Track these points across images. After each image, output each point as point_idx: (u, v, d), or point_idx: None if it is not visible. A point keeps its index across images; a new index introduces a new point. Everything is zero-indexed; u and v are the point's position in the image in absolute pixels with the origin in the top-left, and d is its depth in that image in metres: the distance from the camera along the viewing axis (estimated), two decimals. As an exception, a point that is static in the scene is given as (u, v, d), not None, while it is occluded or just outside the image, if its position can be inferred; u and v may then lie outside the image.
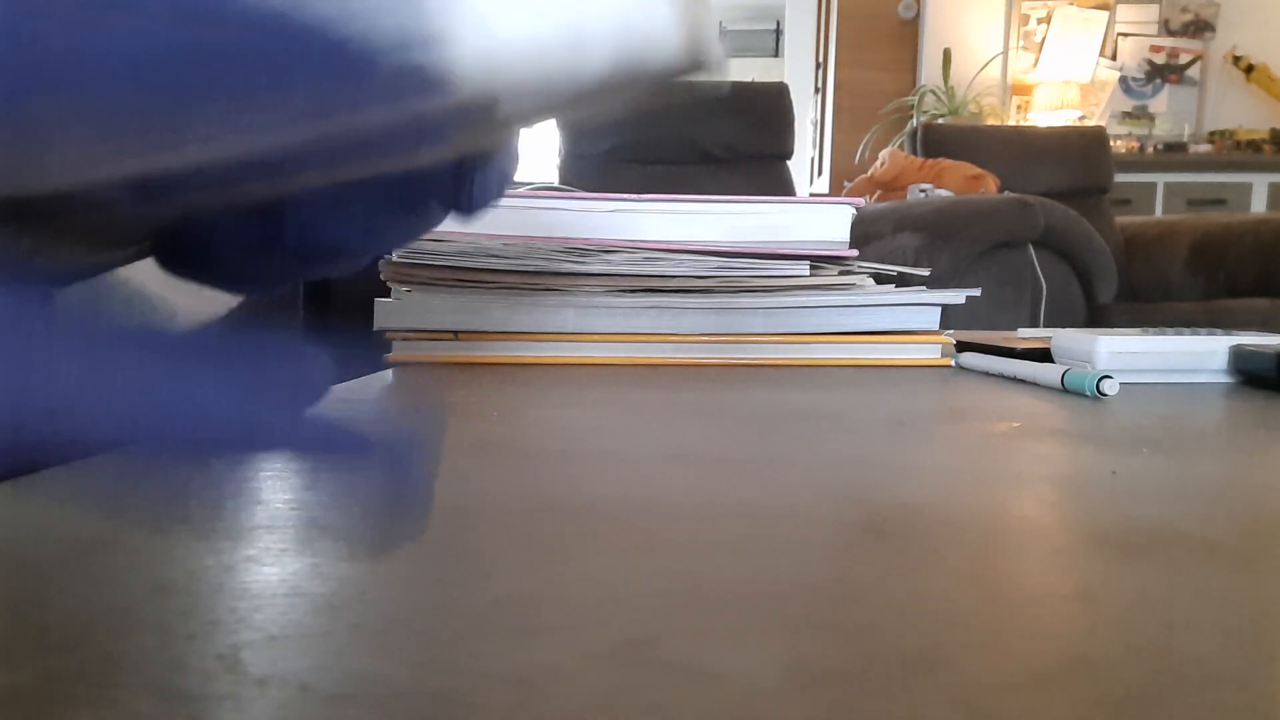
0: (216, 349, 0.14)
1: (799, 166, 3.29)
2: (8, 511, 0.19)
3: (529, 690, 0.11)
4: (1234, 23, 3.76)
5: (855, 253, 0.57)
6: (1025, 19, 3.81)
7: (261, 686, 0.11)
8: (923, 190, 2.18)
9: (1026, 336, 0.68)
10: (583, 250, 0.53)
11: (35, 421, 0.11)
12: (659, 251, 0.54)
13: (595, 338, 0.53)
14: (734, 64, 5.43)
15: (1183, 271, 2.35)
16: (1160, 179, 3.70)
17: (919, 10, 3.80)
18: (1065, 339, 0.49)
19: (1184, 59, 3.79)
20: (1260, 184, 3.68)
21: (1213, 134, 3.75)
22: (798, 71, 4.10)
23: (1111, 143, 2.86)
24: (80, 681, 0.11)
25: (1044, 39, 3.80)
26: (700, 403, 0.37)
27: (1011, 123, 3.67)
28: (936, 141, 2.61)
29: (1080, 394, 0.41)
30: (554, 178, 2.36)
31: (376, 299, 0.52)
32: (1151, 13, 3.80)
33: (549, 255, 0.53)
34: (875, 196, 2.36)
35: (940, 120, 3.51)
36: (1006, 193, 1.99)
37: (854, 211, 0.58)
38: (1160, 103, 3.81)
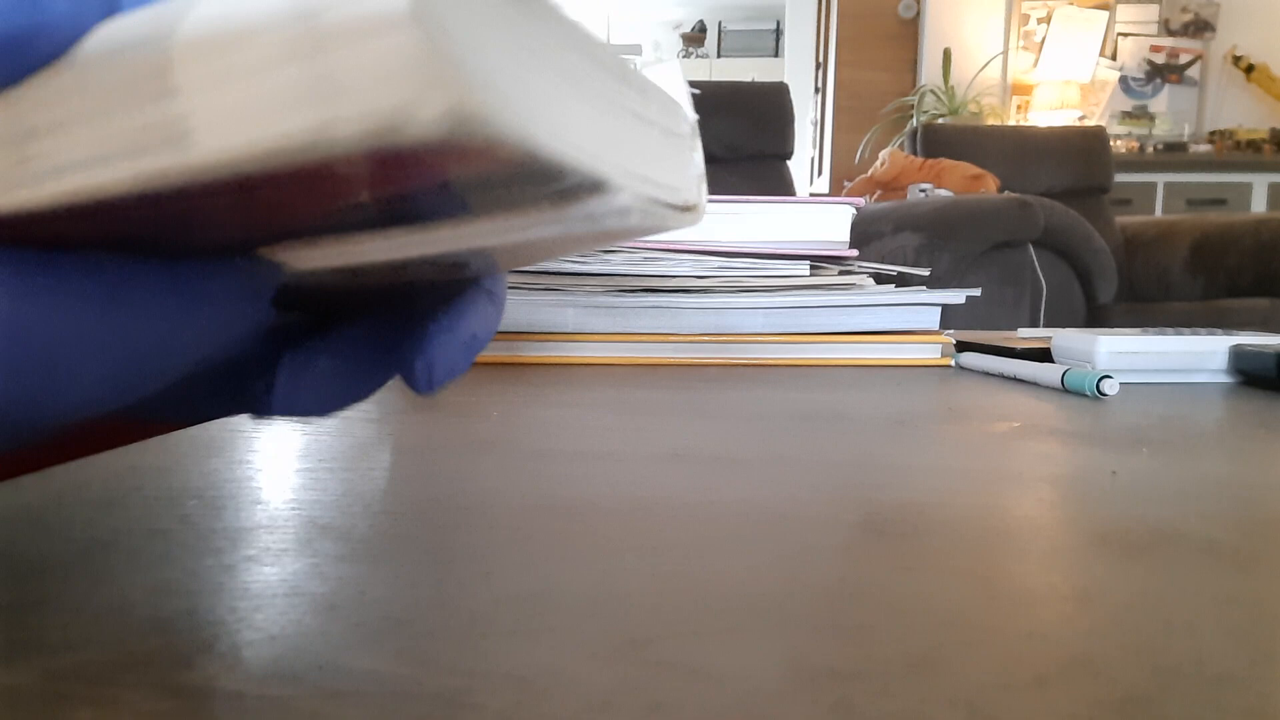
0: None
1: (799, 166, 3.30)
2: (8, 511, 0.19)
3: (529, 690, 0.11)
4: (1234, 23, 3.76)
5: (855, 253, 0.57)
6: (1025, 19, 3.81)
7: (262, 686, 0.11)
8: (923, 190, 2.18)
9: (1026, 336, 0.68)
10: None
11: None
12: (659, 251, 0.54)
13: (595, 338, 0.53)
14: (734, 64, 5.44)
15: (1183, 271, 2.35)
16: (1160, 179, 3.70)
17: (919, 10, 3.80)
18: (1065, 339, 0.49)
19: (1184, 59, 3.79)
20: (1260, 184, 3.68)
21: (1213, 134, 3.75)
22: (798, 71, 4.10)
23: (1111, 143, 2.86)
24: (81, 681, 0.11)
25: (1044, 39, 3.80)
26: (700, 403, 0.37)
27: (1011, 123, 3.67)
28: (936, 141, 2.61)
29: (1080, 394, 0.41)
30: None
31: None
32: (1151, 13, 3.80)
33: (549, 255, 0.53)
34: (875, 196, 2.36)
35: (940, 120, 3.51)
36: (1006, 193, 1.99)
37: (854, 211, 0.58)
38: (1160, 103, 3.81)
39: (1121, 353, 0.46)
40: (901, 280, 0.60)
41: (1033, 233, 1.82)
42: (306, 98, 0.10)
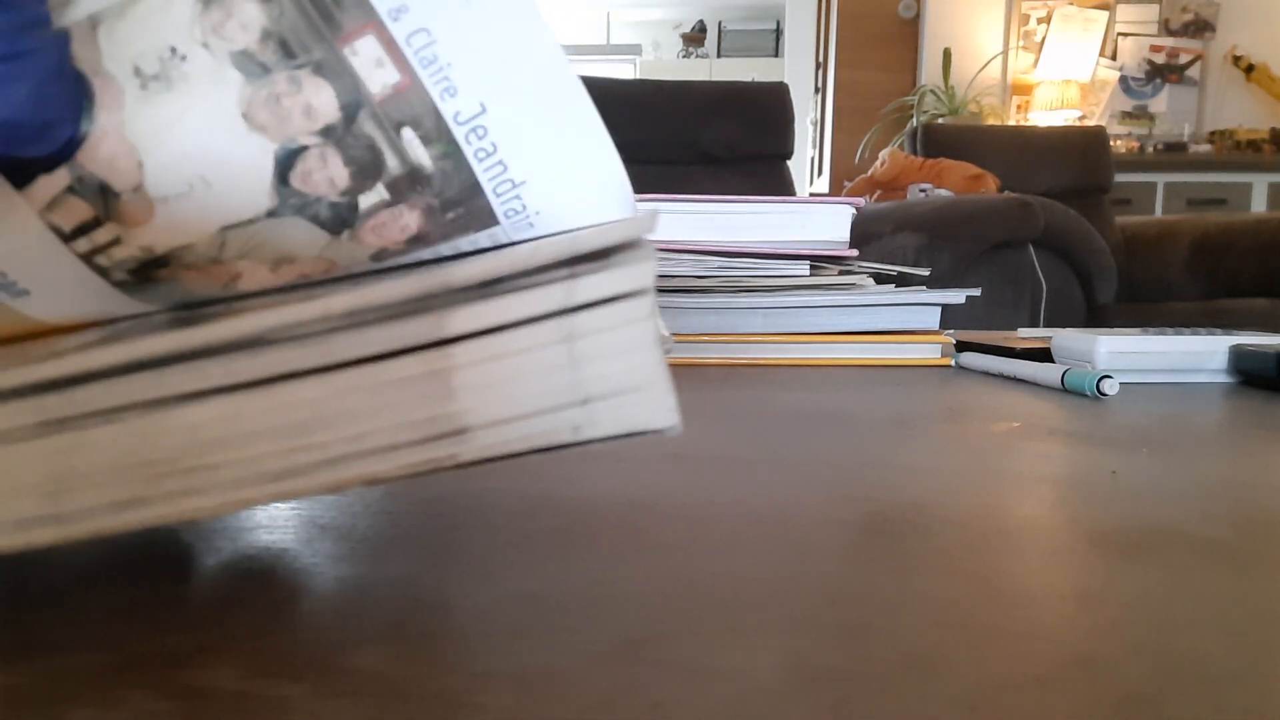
0: None
1: (799, 166, 3.29)
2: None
3: (529, 690, 0.11)
4: (1234, 23, 3.76)
5: (855, 253, 0.57)
6: (1025, 19, 3.81)
7: (262, 686, 0.11)
8: (923, 190, 2.18)
9: (1026, 336, 0.68)
10: (583, 250, 0.53)
11: None
12: (659, 251, 0.54)
13: (595, 338, 0.53)
14: (734, 64, 5.43)
15: (1183, 271, 2.35)
16: (1160, 179, 3.70)
17: (919, 10, 3.80)
18: (1065, 339, 0.49)
19: (1184, 59, 3.79)
20: (1260, 184, 3.68)
21: (1213, 134, 3.75)
22: (798, 71, 4.10)
23: (1111, 143, 2.86)
24: (81, 681, 0.11)
25: (1044, 39, 3.79)
26: (700, 403, 0.37)
27: (1011, 123, 3.67)
28: (936, 141, 2.61)
29: (1080, 394, 0.41)
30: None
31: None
32: (1151, 12, 3.80)
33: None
34: (875, 196, 2.36)
35: (940, 120, 3.51)
36: (1006, 193, 1.99)
37: (854, 211, 0.58)
38: (1160, 103, 3.81)
39: (1121, 353, 0.46)
40: (901, 280, 0.60)
41: (1033, 233, 1.82)
42: (567, 407, 0.12)
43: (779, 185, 2.41)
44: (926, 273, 0.61)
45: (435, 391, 0.12)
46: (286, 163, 0.16)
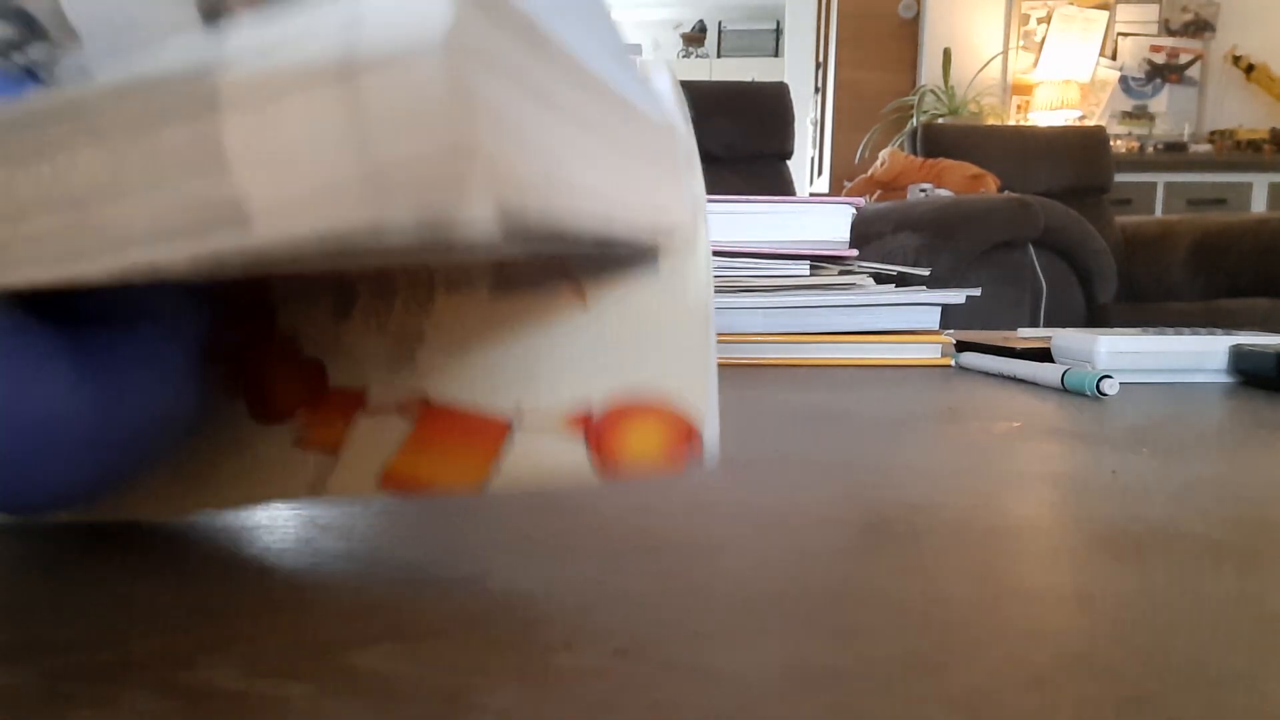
0: None
1: (799, 166, 3.29)
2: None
3: (529, 690, 0.11)
4: (1234, 23, 3.76)
5: (855, 253, 0.57)
6: (1025, 19, 3.81)
7: (262, 686, 0.11)
8: (923, 190, 2.18)
9: (1026, 336, 0.68)
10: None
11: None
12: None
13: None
14: (734, 64, 5.44)
15: (1183, 271, 2.35)
16: (1160, 179, 3.70)
17: (919, 10, 3.80)
18: (1065, 339, 0.49)
19: (1184, 59, 3.79)
20: (1260, 184, 3.68)
21: (1213, 134, 3.75)
22: (798, 71, 4.10)
23: (1111, 143, 2.86)
24: (81, 681, 0.11)
25: (1044, 39, 3.79)
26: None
27: (1011, 123, 3.67)
28: (936, 141, 2.61)
29: (1080, 394, 0.41)
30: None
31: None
32: (1151, 12, 3.80)
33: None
34: (875, 196, 2.36)
35: (940, 120, 3.51)
36: (1006, 193, 1.99)
37: (854, 211, 0.58)
38: (1160, 102, 3.81)
39: (1121, 353, 0.46)
40: (901, 280, 0.60)
41: (1033, 233, 1.82)
42: (359, 191, 0.09)
43: (779, 185, 2.41)
44: (926, 273, 0.61)
45: (208, 163, 0.10)
46: None
